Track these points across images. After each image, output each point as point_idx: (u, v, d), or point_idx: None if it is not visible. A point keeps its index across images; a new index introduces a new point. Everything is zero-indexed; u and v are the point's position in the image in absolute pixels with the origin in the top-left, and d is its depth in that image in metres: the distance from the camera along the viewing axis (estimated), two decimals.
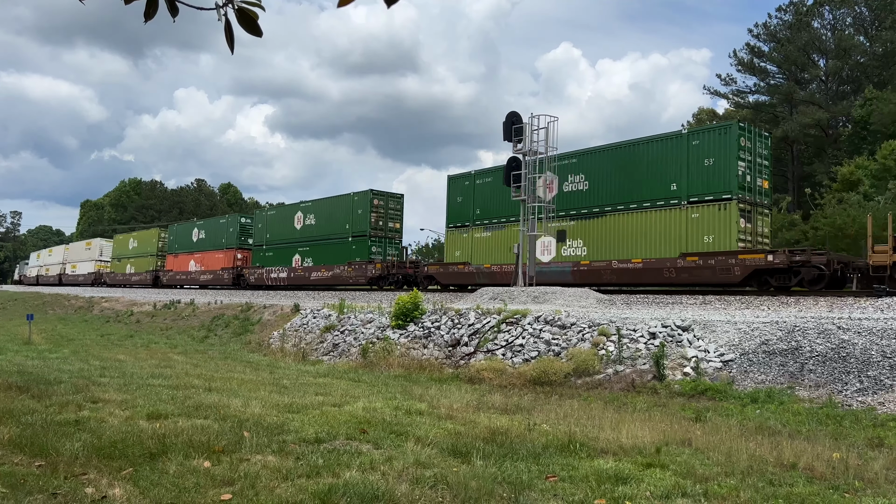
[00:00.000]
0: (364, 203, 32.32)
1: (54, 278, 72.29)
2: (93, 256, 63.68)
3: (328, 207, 35.10)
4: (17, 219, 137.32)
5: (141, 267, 53.24)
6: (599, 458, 6.47)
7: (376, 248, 32.27)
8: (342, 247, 33.12)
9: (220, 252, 43.26)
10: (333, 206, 34.77)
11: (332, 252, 33.64)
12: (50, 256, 78.39)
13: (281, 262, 37.69)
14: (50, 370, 11.89)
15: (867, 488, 5.69)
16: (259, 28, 2.54)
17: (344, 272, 32.35)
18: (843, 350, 10.40)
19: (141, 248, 54.85)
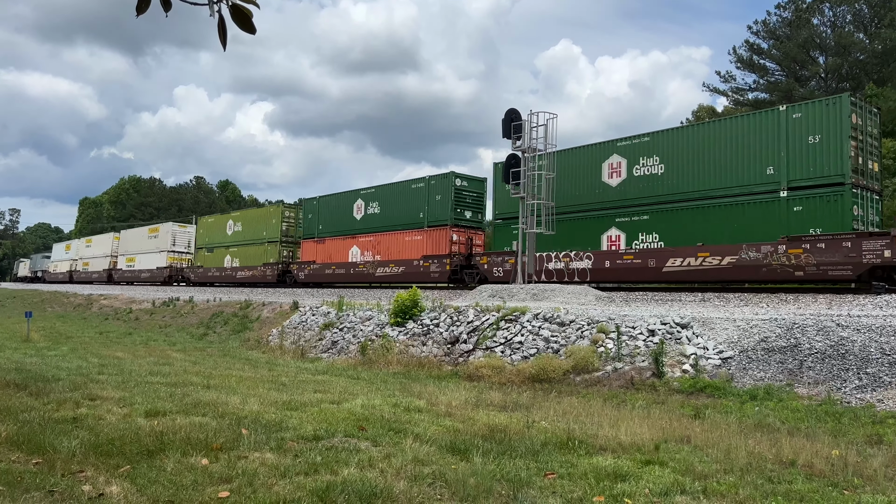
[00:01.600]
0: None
1: (100, 275, 59.99)
2: (161, 246, 50.48)
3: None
4: (16, 216, 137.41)
5: (253, 259, 39.81)
6: (598, 455, 6.46)
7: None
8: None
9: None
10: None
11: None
12: (88, 247, 65.47)
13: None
14: (48, 368, 11.87)
15: (866, 485, 5.68)
16: (253, 25, 2.52)
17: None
18: (842, 347, 10.39)
19: (250, 232, 41.00)
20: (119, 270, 56.97)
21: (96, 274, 61.45)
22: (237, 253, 41.91)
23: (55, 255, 75.86)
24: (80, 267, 65.84)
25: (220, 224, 44.96)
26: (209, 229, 46.22)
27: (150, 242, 52.53)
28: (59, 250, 76.00)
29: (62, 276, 69.90)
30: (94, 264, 62.60)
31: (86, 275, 63.95)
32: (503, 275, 23.82)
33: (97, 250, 62.80)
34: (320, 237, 34.80)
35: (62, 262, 71.00)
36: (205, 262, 45.33)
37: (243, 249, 41.29)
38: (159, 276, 49.37)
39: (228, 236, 43.18)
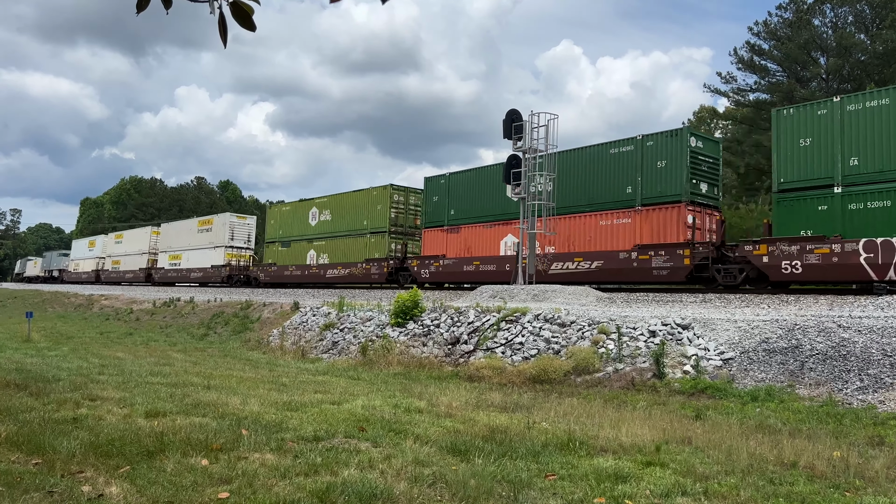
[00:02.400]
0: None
1: (135, 275, 52.69)
2: (216, 241, 43.38)
3: None
4: (17, 216, 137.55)
5: (350, 254, 32.79)
6: (599, 456, 6.45)
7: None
8: None
9: None
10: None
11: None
12: (119, 244, 57.60)
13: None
14: (48, 368, 11.86)
15: (868, 487, 5.67)
16: (253, 23, 2.51)
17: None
18: (844, 348, 10.37)
19: (344, 222, 33.68)
20: (160, 270, 49.18)
21: (131, 274, 53.66)
22: (326, 247, 34.65)
23: (76, 253, 68.27)
24: (108, 266, 58.45)
25: (300, 213, 37.72)
26: (284, 220, 38.93)
27: (200, 237, 44.87)
28: (80, 247, 68.17)
29: (86, 276, 62.69)
30: (127, 263, 54.82)
31: (116, 275, 56.39)
32: None
33: (131, 246, 54.94)
34: (453, 224, 28.01)
35: (85, 261, 63.96)
36: (278, 259, 37.57)
37: (335, 243, 34.18)
38: (215, 275, 42.10)
39: (312, 227, 35.84)
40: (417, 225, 31.09)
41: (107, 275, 58.81)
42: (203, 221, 46.85)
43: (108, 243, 60.49)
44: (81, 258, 65.89)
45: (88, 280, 61.97)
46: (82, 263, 64.97)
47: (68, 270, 68.95)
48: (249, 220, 45.30)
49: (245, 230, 44.23)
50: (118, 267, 56.91)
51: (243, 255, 43.22)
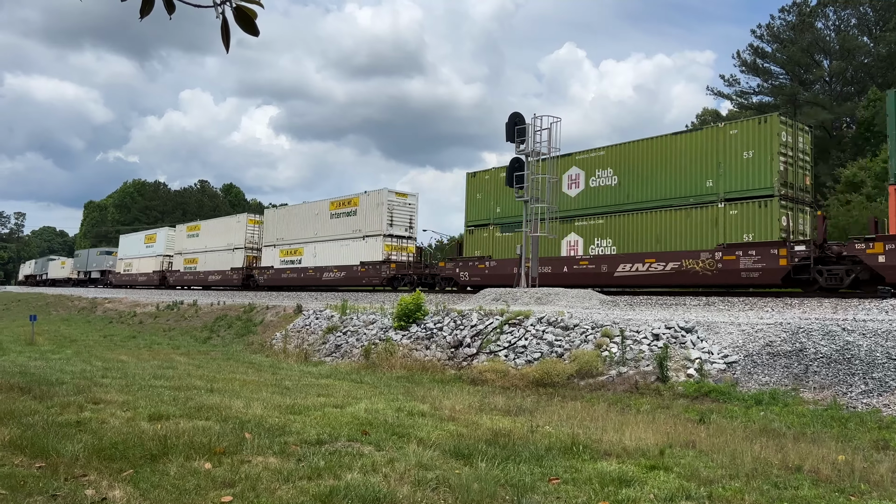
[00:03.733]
0: None
1: (225, 276, 40.04)
2: (369, 229, 30.46)
3: None
4: (21, 220, 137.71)
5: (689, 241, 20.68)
6: (603, 460, 6.43)
7: None
8: None
9: None
10: None
11: None
12: (195, 237, 44.62)
13: None
14: (52, 371, 11.89)
15: (873, 491, 5.64)
16: (256, 27, 2.51)
17: None
18: (848, 352, 10.33)
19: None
20: (269, 270, 36.65)
21: (216, 275, 40.92)
22: (601, 229, 21.84)
23: (126, 250, 55.91)
24: (178, 265, 46.22)
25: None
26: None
27: (337, 224, 32.42)
28: (131, 243, 55.53)
29: (144, 278, 50.52)
30: (209, 261, 42.10)
31: (193, 276, 43.90)
32: None
33: (215, 240, 42.11)
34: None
35: (142, 260, 51.77)
36: (485, 249, 25.36)
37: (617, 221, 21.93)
38: (373, 275, 29.46)
39: (572, 199, 22.80)
40: None
41: (177, 277, 46.26)
42: (339, 203, 32.43)
43: (176, 237, 48.21)
44: (134, 256, 53.68)
45: (148, 284, 49.98)
46: (137, 263, 52.84)
47: (116, 272, 57.36)
48: (410, 197, 31.34)
49: (406, 213, 30.75)
50: (194, 266, 43.86)
51: (405, 246, 30.39)
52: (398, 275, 29.21)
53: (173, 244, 48.61)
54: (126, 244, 57.31)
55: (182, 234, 47.60)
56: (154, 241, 51.63)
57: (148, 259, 51.28)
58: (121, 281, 55.51)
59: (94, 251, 68.06)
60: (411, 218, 31.51)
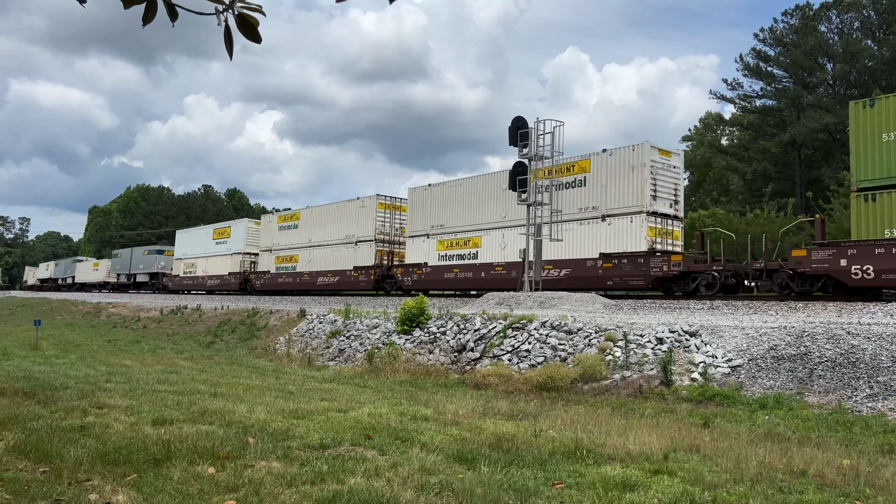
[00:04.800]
0: None
1: (344, 278, 31.39)
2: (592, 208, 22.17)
3: None
4: (26, 225, 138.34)
5: None
6: (606, 464, 6.41)
7: None
8: None
9: None
10: None
11: None
12: (287, 230, 36.05)
13: None
14: (56, 376, 11.91)
15: (878, 495, 5.61)
16: (258, 34, 2.52)
17: None
18: (853, 355, 10.29)
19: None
20: (421, 269, 28.07)
21: (332, 277, 31.91)
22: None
23: (185, 248, 46.78)
24: (269, 265, 36.81)
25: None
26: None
27: (497, 204, 25.25)
28: (193, 240, 45.84)
29: (216, 282, 41.46)
30: (318, 259, 33.03)
31: (294, 278, 34.49)
32: None
33: (318, 232, 33.31)
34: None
35: (211, 260, 42.22)
36: None
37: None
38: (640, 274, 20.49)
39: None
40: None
41: (267, 279, 36.41)
42: (573, 165, 23.13)
43: (266, 230, 38.20)
44: (198, 255, 44.35)
45: (224, 288, 40.75)
46: (204, 264, 43.33)
47: (172, 275, 48.90)
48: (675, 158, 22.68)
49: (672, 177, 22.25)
50: (292, 266, 34.68)
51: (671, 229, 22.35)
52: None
53: (257, 239, 39.49)
54: (186, 241, 47.82)
55: (271, 225, 38.02)
56: (227, 235, 41.89)
57: (220, 259, 41.69)
58: (181, 285, 46.61)
59: (140, 250, 58.34)
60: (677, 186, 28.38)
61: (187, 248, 47.40)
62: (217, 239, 43.48)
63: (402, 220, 31.41)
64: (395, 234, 31.43)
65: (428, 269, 28.28)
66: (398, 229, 31.40)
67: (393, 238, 31.38)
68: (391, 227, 31.46)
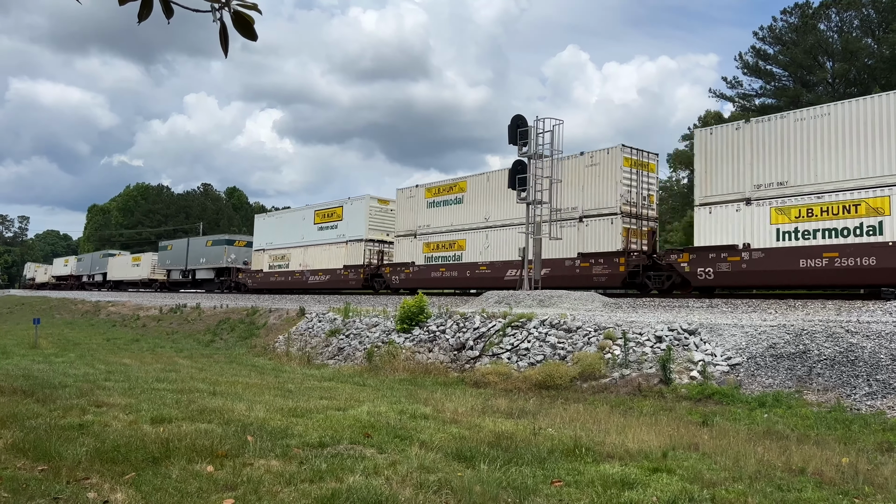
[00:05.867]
0: None
1: (616, 271, 20.63)
2: None
3: None
4: (25, 223, 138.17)
5: None
6: (605, 462, 6.41)
7: None
8: None
9: None
10: None
11: None
12: (447, 206, 26.85)
13: None
14: (55, 374, 11.90)
15: (877, 493, 5.61)
16: (254, 32, 2.51)
17: None
18: (852, 353, 10.30)
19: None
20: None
21: (504, 268, 24.17)
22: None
23: (271, 237, 36.76)
24: (413, 253, 27.94)
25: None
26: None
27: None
28: (283, 227, 35.94)
29: (325, 278, 31.89)
30: (497, 245, 24.74)
31: (462, 271, 25.93)
32: None
33: (500, 208, 24.77)
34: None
35: (313, 250, 32.90)
36: None
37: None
38: None
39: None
40: None
41: (415, 273, 27.71)
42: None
43: (401, 208, 28.95)
44: (294, 245, 34.40)
45: (338, 286, 31.72)
46: (302, 255, 33.64)
47: (253, 270, 38.07)
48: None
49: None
50: (456, 256, 26.21)
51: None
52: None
53: (385, 221, 30.56)
54: (270, 227, 37.19)
55: (415, 201, 27.86)
56: (337, 217, 31.69)
57: (328, 249, 31.91)
58: (266, 283, 36.30)
59: (200, 240, 47.29)
60: None
61: (273, 236, 36.78)
62: (321, 223, 33.17)
63: None
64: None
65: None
66: None
67: None
68: None
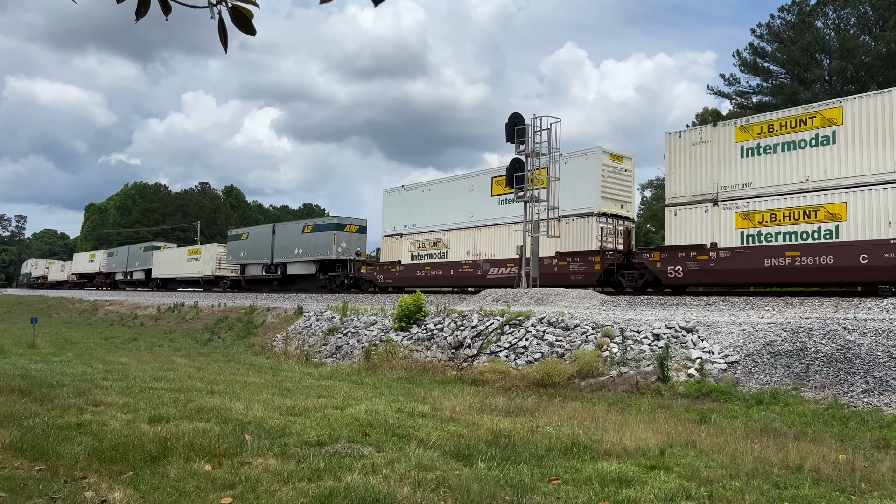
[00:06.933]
0: None
1: None
2: None
3: None
4: (22, 223, 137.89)
5: None
6: (603, 460, 6.42)
7: None
8: None
9: None
10: None
11: None
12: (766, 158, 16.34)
13: None
14: (53, 374, 11.89)
15: (874, 490, 5.63)
16: (253, 27, 2.51)
17: None
18: (849, 351, 10.32)
19: None
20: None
21: None
22: None
23: (409, 215, 28.81)
24: (727, 234, 17.76)
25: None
26: None
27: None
28: (426, 201, 28.15)
29: (500, 272, 24.11)
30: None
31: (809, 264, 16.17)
32: None
33: None
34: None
35: (485, 233, 25.19)
36: None
37: None
38: None
39: None
40: None
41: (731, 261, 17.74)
42: None
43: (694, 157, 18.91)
44: (449, 226, 26.80)
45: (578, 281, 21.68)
46: (464, 240, 26.13)
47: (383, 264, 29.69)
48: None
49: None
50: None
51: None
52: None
53: (620, 186, 22.69)
54: (412, 205, 28.52)
55: (715, 148, 18.47)
56: (543, 183, 21.35)
57: (515, 230, 22.94)
58: (418, 279, 27.35)
59: (294, 226, 37.04)
60: None
61: (417, 216, 28.42)
62: (500, 194, 24.61)
63: None
64: None
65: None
66: None
67: None
68: None
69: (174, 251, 51.56)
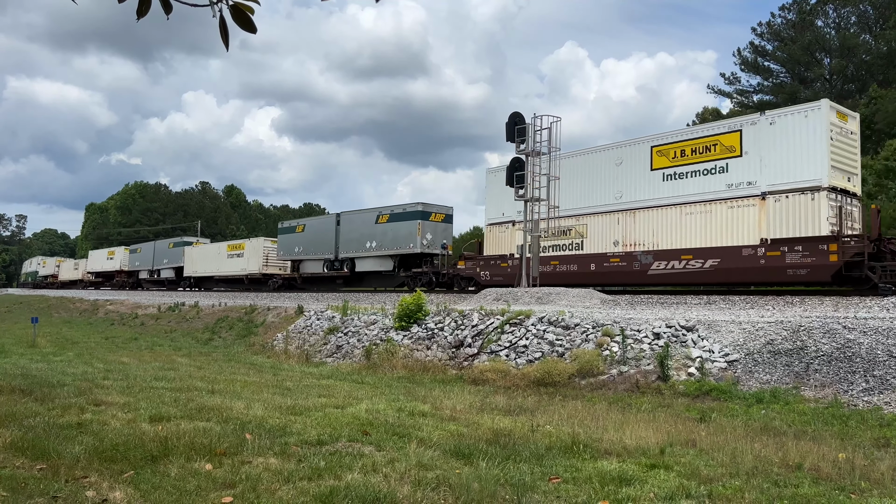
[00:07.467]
0: None
1: None
2: None
3: None
4: (23, 222, 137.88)
5: None
6: (603, 459, 6.43)
7: None
8: None
9: None
10: None
11: None
12: None
13: None
14: (54, 373, 11.90)
15: (873, 489, 5.64)
16: (253, 25, 2.52)
17: None
18: (849, 350, 10.33)
19: None
20: None
21: None
22: None
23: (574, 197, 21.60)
24: None
25: None
26: None
27: None
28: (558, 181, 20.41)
29: (667, 266, 18.73)
30: None
31: None
32: None
33: None
34: None
35: (635, 218, 19.83)
36: None
37: None
38: None
39: None
40: None
41: None
42: None
43: None
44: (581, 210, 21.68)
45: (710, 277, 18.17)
46: (608, 225, 20.92)
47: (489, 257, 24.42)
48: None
49: None
50: None
51: None
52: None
53: (847, 153, 17.40)
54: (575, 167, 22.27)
55: None
56: (734, 151, 18.09)
57: (705, 208, 18.53)
58: (560, 276, 22.20)
59: (364, 216, 31.29)
60: None
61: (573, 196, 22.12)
62: (671, 166, 19.86)
63: None
64: None
65: None
66: None
67: None
68: None
69: (209, 246, 45.54)
